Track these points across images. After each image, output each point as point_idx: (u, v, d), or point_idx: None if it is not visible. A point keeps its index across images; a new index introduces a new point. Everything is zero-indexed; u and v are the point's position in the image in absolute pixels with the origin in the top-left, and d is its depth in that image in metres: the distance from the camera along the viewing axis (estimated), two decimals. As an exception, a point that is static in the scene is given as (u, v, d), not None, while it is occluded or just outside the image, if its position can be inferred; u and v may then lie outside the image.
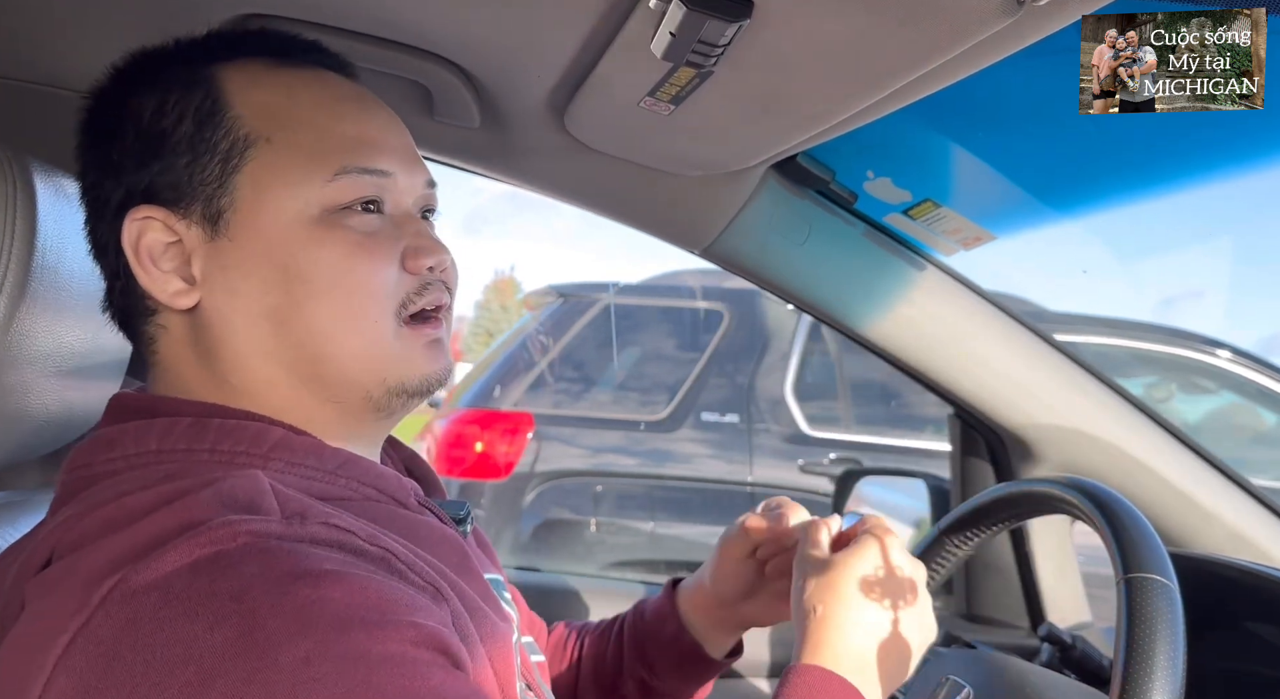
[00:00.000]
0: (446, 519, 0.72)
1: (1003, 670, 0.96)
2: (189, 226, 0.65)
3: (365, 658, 0.50)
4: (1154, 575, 0.77)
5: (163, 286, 0.65)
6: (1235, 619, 1.09)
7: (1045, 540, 1.47)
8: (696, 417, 3.56)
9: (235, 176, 0.65)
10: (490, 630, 0.63)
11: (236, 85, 0.67)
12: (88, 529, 0.55)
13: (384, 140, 0.69)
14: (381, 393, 0.67)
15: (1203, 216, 3.33)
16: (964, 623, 1.53)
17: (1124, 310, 3.64)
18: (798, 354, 3.61)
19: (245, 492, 0.56)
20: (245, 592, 0.49)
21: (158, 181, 0.66)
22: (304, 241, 0.64)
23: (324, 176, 0.65)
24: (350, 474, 0.66)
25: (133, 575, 0.50)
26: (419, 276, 0.68)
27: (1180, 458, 1.30)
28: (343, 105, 0.69)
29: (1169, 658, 0.72)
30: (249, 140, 0.65)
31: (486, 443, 3.36)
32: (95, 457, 0.63)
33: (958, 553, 1.07)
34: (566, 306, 3.73)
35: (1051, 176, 1.19)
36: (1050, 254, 1.54)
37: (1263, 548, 1.27)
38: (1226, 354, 3.38)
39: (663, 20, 0.64)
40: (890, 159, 1.11)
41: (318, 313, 0.64)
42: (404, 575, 0.58)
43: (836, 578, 0.75)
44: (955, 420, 1.51)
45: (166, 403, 0.66)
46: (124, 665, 0.48)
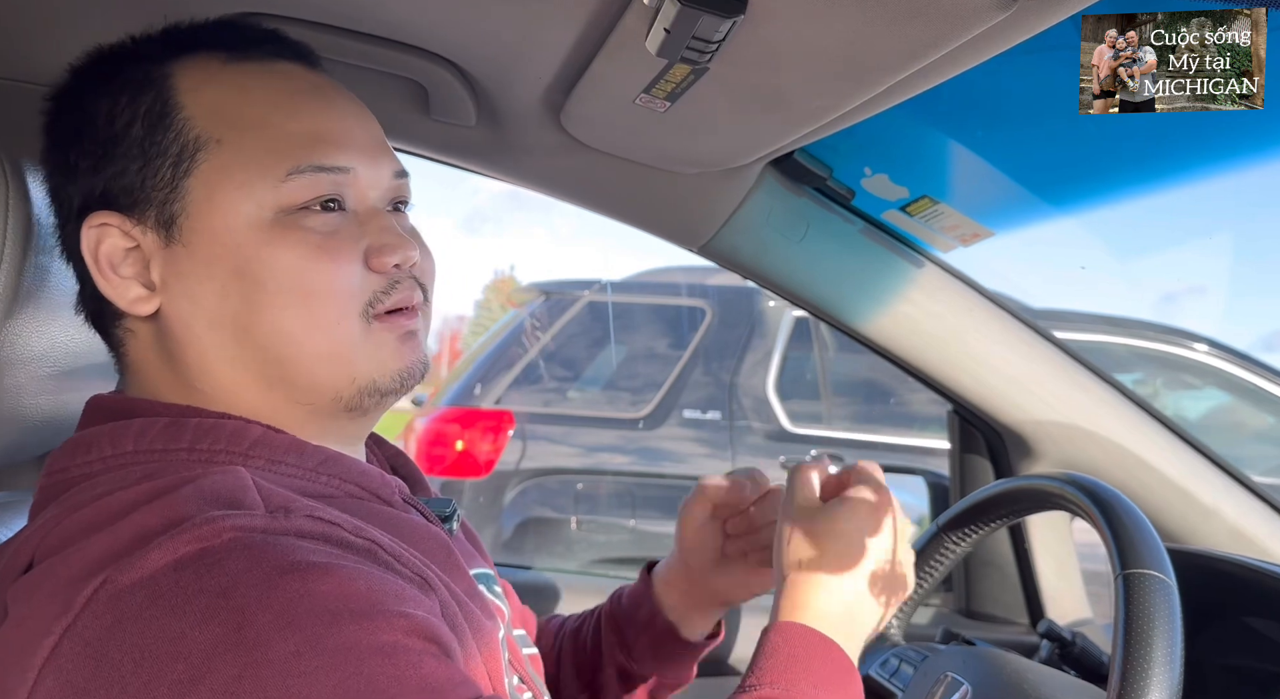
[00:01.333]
0: (432, 517, 0.71)
1: (1002, 667, 0.96)
2: (145, 232, 0.64)
3: (356, 649, 0.49)
4: (1151, 571, 0.76)
5: (122, 293, 0.64)
6: (1235, 615, 1.09)
7: (1044, 537, 1.47)
8: (679, 414, 3.57)
9: (187, 180, 0.63)
10: (476, 626, 0.63)
11: (189, 84, 0.65)
12: (68, 531, 0.55)
13: (342, 134, 0.66)
14: (352, 393, 0.66)
15: (1204, 213, 3.32)
16: (963, 620, 1.53)
17: (1123, 308, 3.63)
18: (780, 351, 3.62)
19: (227, 487, 0.55)
20: (232, 587, 0.49)
21: (112, 186, 0.64)
22: (259, 245, 0.63)
23: (276, 177, 0.63)
24: (332, 471, 0.65)
25: (117, 575, 0.50)
26: (386, 275, 0.66)
27: (1180, 454, 1.29)
28: (298, 100, 0.67)
29: (1166, 653, 0.71)
30: (199, 142, 0.64)
31: (467, 441, 3.36)
32: (73, 460, 0.62)
33: (957, 549, 1.07)
34: (549, 304, 3.73)
35: (1050, 173, 1.19)
36: (1045, 250, 1.53)
37: (1263, 544, 1.27)
38: (1204, 348, 3.37)
39: (657, 17, 0.64)
40: (887, 155, 1.10)
41: (278, 317, 0.63)
42: (391, 567, 0.58)
43: (828, 531, 0.73)
44: (954, 417, 1.51)
45: (142, 404, 0.65)
46: (112, 665, 0.48)
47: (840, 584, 0.72)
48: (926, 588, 1.09)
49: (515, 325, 3.84)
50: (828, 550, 0.73)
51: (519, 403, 3.59)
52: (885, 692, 1.04)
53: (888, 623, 0.78)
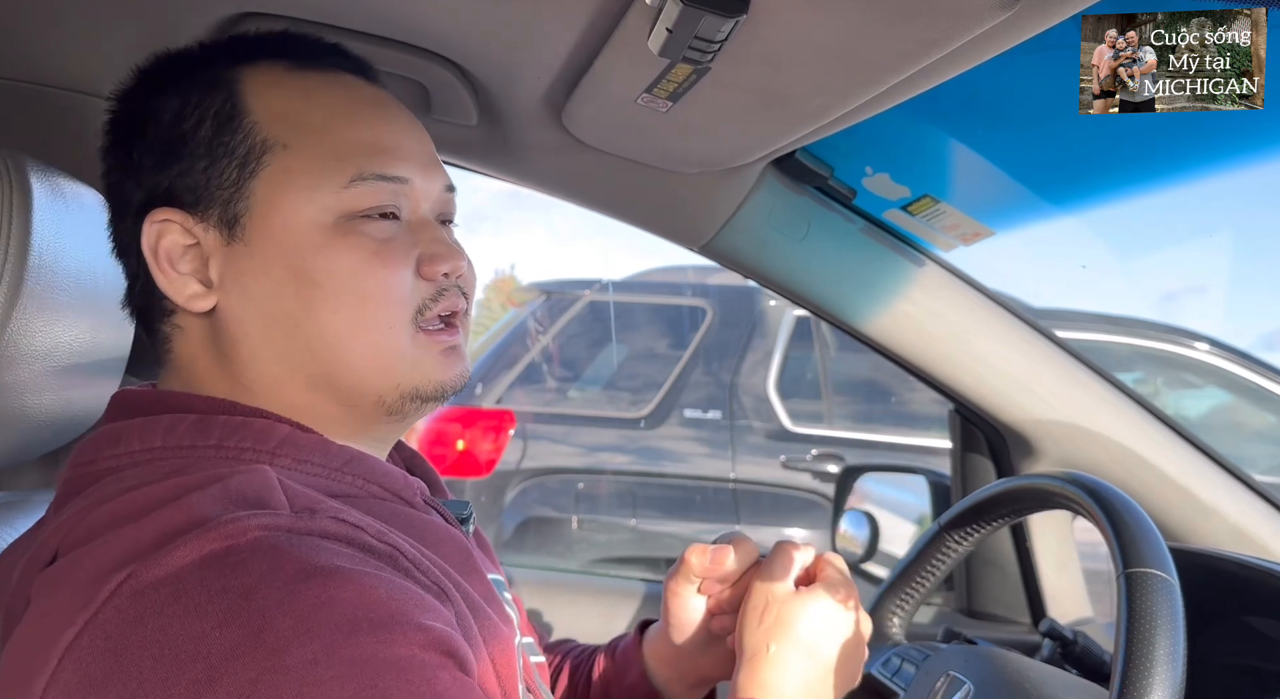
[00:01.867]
0: (452, 519, 0.72)
1: (1003, 666, 0.96)
2: (206, 230, 0.66)
3: (372, 661, 0.50)
4: (1154, 570, 0.76)
5: (180, 289, 0.66)
6: (1236, 614, 1.09)
7: (1046, 536, 1.47)
8: (680, 413, 3.57)
9: (252, 181, 0.65)
10: (493, 632, 0.64)
11: (256, 89, 0.67)
12: (94, 525, 0.55)
13: (401, 146, 0.69)
14: (395, 397, 0.67)
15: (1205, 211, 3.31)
16: (964, 619, 1.53)
17: (1124, 306, 3.62)
18: (781, 350, 3.62)
19: (253, 487, 0.56)
20: (255, 589, 0.50)
21: (177, 184, 0.66)
22: (318, 247, 0.64)
23: (339, 183, 0.65)
24: (357, 471, 0.66)
25: (142, 571, 0.50)
26: (435, 283, 0.68)
27: (1181, 453, 1.29)
28: (361, 110, 0.69)
29: (1169, 652, 0.71)
30: (266, 145, 0.65)
31: (468, 441, 3.36)
32: (100, 453, 0.63)
33: (958, 548, 1.07)
34: (550, 303, 3.73)
35: (1050, 172, 1.19)
36: (1046, 249, 1.53)
37: (1264, 543, 1.27)
38: (1205, 347, 3.37)
39: (659, 17, 0.64)
40: (889, 155, 1.10)
41: (331, 319, 0.65)
42: (410, 573, 0.58)
43: (801, 615, 0.73)
44: (955, 416, 1.51)
45: (172, 398, 0.66)
46: (132, 660, 0.48)
47: (804, 670, 0.72)
48: (928, 587, 1.09)
49: (516, 325, 3.84)
50: (798, 636, 0.73)
51: (520, 402, 3.60)
52: (887, 690, 1.04)
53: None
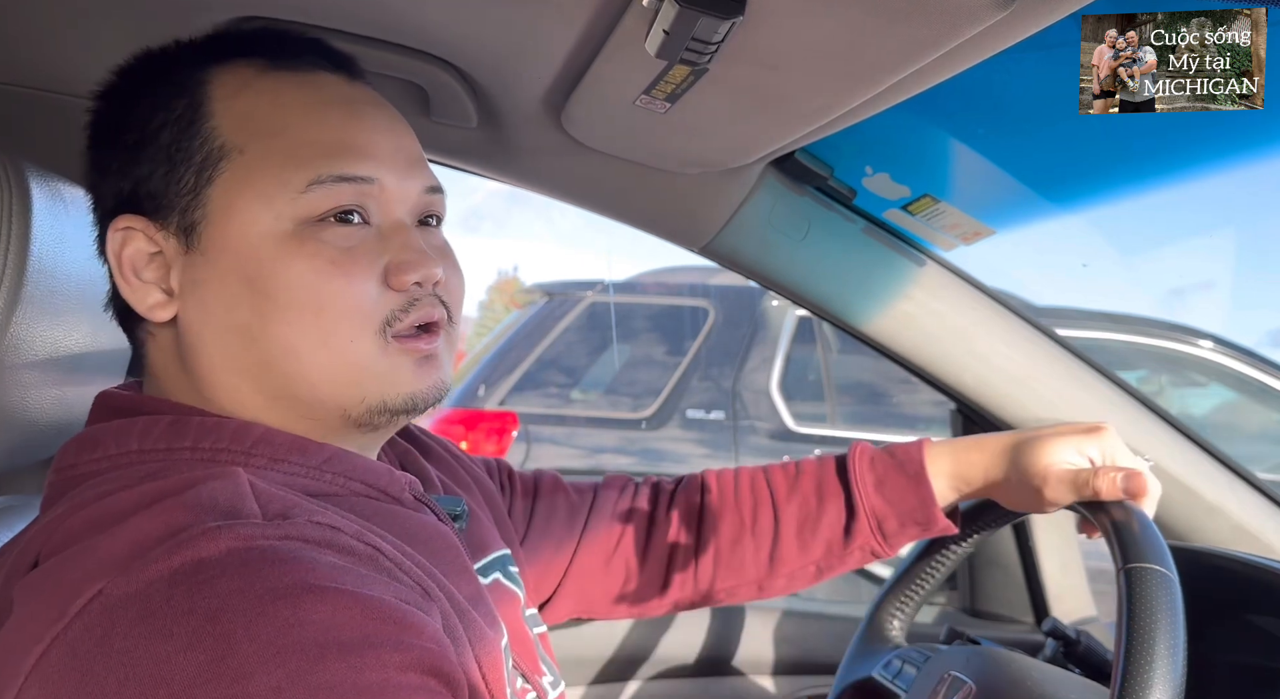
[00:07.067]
0: (444, 515, 0.71)
1: (1006, 666, 0.96)
2: (167, 238, 0.64)
3: (341, 688, 0.48)
4: (1154, 565, 0.76)
5: (142, 298, 0.65)
6: (1239, 612, 1.08)
7: (1049, 535, 1.47)
8: (682, 414, 3.57)
9: (209, 189, 0.63)
10: (478, 635, 0.63)
11: (223, 92, 0.65)
12: (71, 531, 0.55)
13: (370, 145, 0.65)
14: (361, 411, 0.64)
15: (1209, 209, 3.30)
16: (967, 618, 1.53)
17: (1127, 304, 3.62)
18: (783, 351, 3.61)
19: (225, 495, 0.55)
20: (222, 611, 0.48)
21: (140, 190, 0.64)
22: (274, 257, 0.62)
23: (297, 187, 0.62)
24: (337, 469, 0.64)
25: (112, 588, 0.49)
26: (405, 293, 0.64)
27: (1183, 451, 1.29)
28: (329, 110, 0.66)
29: (1169, 648, 0.71)
30: (223, 151, 0.63)
31: (471, 442, 3.34)
32: (80, 457, 0.62)
33: (960, 548, 1.07)
34: (553, 305, 3.73)
35: (1051, 170, 1.19)
36: (1047, 248, 1.53)
37: (1267, 541, 1.27)
38: (1209, 345, 3.36)
39: (656, 18, 0.64)
40: (888, 154, 1.10)
41: (287, 332, 0.62)
42: (392, 573, 0.57)
43: None
44: (956, 416, 1.51)
45: (149, 401, 0.65)
46: (96, 681, 0.47)
47: None
48: (929, 589, 1.09)
49: (519, 326, 3.84)
50: None
51: (523, 404, 3.59)
52: (888, 693, 1.03)
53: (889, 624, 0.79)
